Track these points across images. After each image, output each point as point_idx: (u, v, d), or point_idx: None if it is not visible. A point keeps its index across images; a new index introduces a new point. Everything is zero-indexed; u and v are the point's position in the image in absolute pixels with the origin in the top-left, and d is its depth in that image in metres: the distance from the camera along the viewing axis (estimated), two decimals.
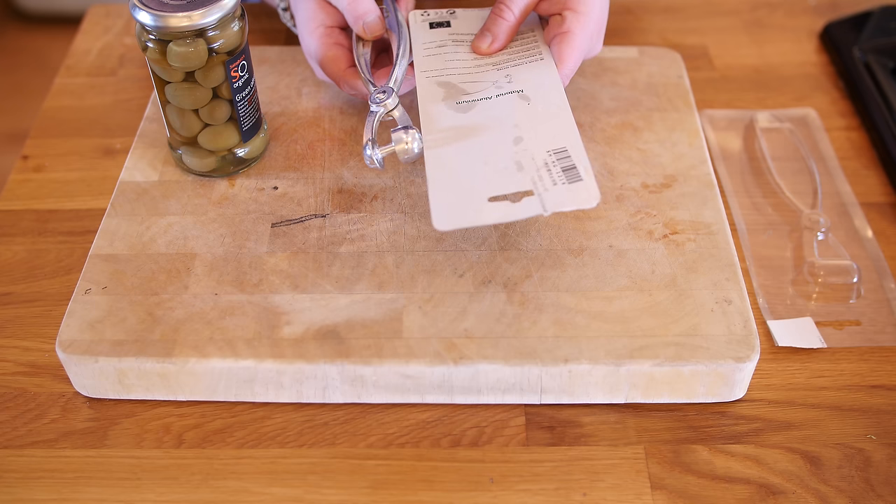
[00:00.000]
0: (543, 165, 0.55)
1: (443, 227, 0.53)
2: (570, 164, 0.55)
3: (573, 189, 0.54)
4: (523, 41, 0.65)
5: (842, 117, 0.74)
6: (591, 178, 0.54)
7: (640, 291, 0.56)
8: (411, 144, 0.58)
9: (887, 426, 0.54)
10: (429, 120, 0.59)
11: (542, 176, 0.54)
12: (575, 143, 0.56)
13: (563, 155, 0.55)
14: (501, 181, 0.55)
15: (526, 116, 0.58)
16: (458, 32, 0.66)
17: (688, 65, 0.77)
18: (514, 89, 0.61)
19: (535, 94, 0.60)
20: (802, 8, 0.86)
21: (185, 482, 0.52)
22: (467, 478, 0.52)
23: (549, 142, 0.56)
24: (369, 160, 0.58)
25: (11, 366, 0.57)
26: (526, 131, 0.57)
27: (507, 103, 0.60)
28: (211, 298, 0.56)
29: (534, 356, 0.53)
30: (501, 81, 0.61)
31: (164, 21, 0.56)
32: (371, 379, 0.53)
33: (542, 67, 0.62)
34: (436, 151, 0.57)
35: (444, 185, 0.55)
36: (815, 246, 0.63)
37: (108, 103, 0.76)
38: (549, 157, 0.55)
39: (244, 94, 0.61)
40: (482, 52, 0.64)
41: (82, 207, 0.67)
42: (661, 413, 0.55)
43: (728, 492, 0.51)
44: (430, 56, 0.64)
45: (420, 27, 0.67)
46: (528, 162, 0.55)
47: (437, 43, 0.65)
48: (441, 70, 0.63)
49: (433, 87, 0.62)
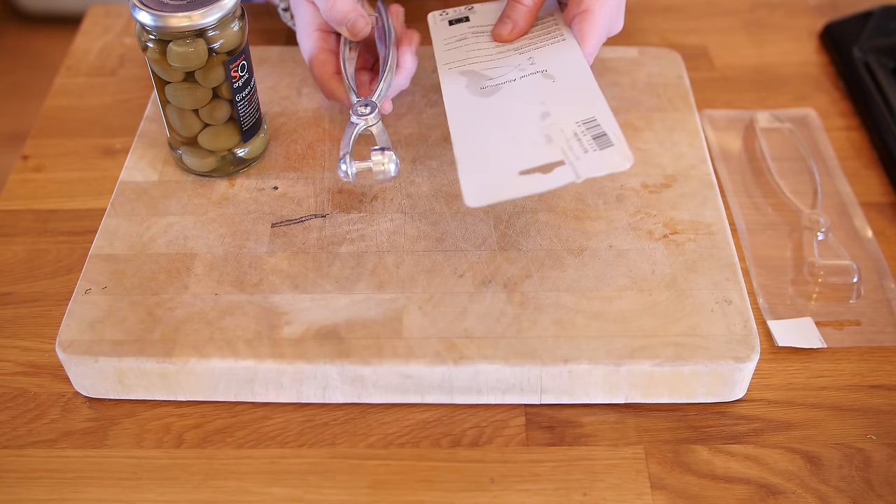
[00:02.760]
0: (573, 136, 0.54)
1: (474, 203, 0.52)
2: (601, 132, 0.54)
3: (605, 154, 0.53)
4: (543, 25, 0.64)
5: (842, 117, 0.74)
6: (622, 142, 0.53)
7: (640, 291, 0.56)
8: (387, 166, 0.57)
9: (887, 426, 0.54)
10: (452, 103, 0.59)
11: (572, 146, 0.54)
12: (603, 112, 0.55)
13: (592, 124, 0.55)
14: (531, 154, 0.54)
15: (551, 93, 0.58)
16: (477, 25, 0.66)
17: (688, 65, 0.77)
18: (537, 70, 0.60)
19: (559, 73, 0.59)
20: (802, 8, 0.87)
21: (185, 482, 0.52)
22: (467, 478, 0.52)
23: (577, 113, 0.56)
24: (344, 174, 0.58)
25: (11, 366, 0.57)
26: (552, 106, 0.57)
27: (531, 83, 0.59)
28: (211, 298, 0.56)
29: (534, 356, 0.53)
30: (524, 64, 0.61)
31: (164, 21, 0.56)
32: (371, 379, 0.54)
33: (564, 47, 0.61)
34: (461, 130, 0.57)
35: (473, 162, 0.54)
36: (815, 246, 0.63)
37: (108, 103, 0.76)
38: (577, 127, 0.55)
39: (244, 94, 0.61)
40: (503, 38, 0.64)
41: (82, 207, 0.67)
42: (661, 413, 0.55)
43: (728, 492, 0.51)
44: (451, 50, 0.64)
45: (439, 26, 0.67)
46: (557, 134, 0.55)
47: (458, 37, 0.65)
48: (463, 60, 0.63)
49: (455, 76, 0.62)
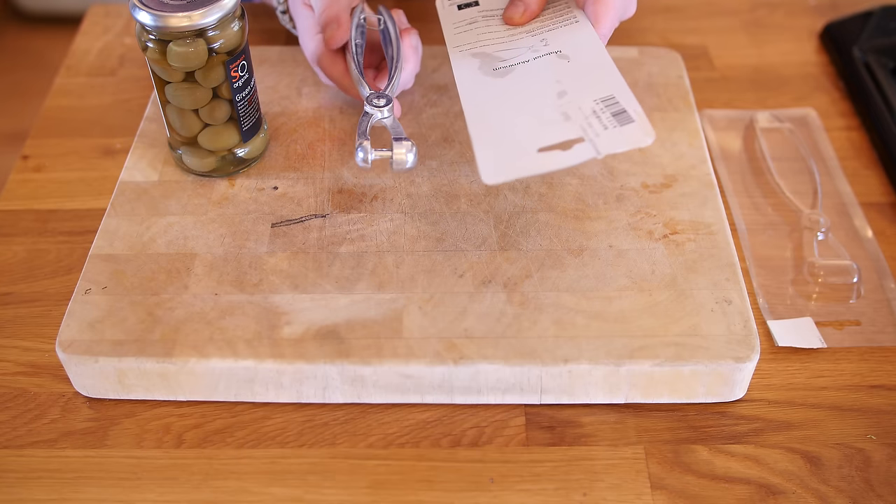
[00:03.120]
0: (592, 114, 0.53)
1: (491, 180, 0.51)
2: (620, 109, 0.53)
3: (626, 131, 0.52)
4: (555, 8, 0.63)
5: (842, 117, 0.74)
6: (643, 118, 0.52)
7: (640, 291, 0.56)
8: (407, 156, 0.57)
9: (887, 426, 0.54)
10: (465, 83, 0.58)
11: (591, 123, 0.53)
12: (622, 90, 0.55)
13: (611, 101, 0.54)
14: (549, 131, 0.53)
15: (567, 72, 0.57)
16: (486, 9, 0.65)
17: (688, 65, 0.77)
18: (551, 51, 0.59)
19: (574, 53, 0.58)
20: (802, 8, 0.87)
21: (185, 482, 0.52)
22: (467, 478, 0.52)
23: (595, 92, 0.55)
24: (362, 161, 0.57)
25: (11, 366, 0.57)
26: (569, 85, 0.56)
27: (545, 64, 0.58)
28: (211, 298, 0.56)
29: (534, 356, 0.53)
30: (537, 45, 0.60)
31: (164, 21, 0.56)
32: (371, 379, 0.54)
33: (578, 29, 0.60)
34: (476, 108, 0.56)
35: (489, 140, 0.53)
36: (815, 246, 0.63)
37: (108, 103, 0.76)
38: (596, 105, 0.54)
39: (244, 94, 0.61)
40: (515, 21, 0.63)
41: (82, 207, 0.67)
42: (661, 413, 0.55)
43: (728, 492, 0.51)
44: (461, 33, 0.64)
45: (448, 11, 0.66)
46: (575, 112, 0.54)
47: (468, 21, 0.64)
48: (474, 43, 0.62)
49: (467, 58, 0.61)
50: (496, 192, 0.62)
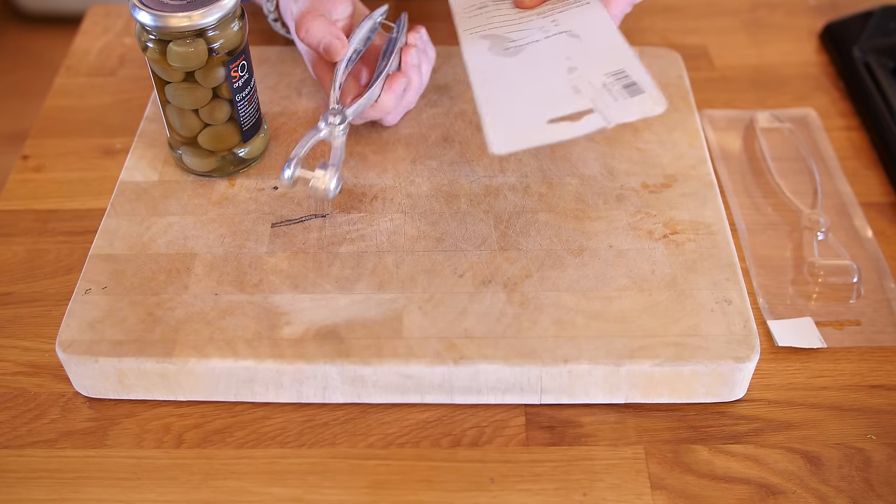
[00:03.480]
0: (602, 87, 0.54)
1: (500, 149, 0.51)
2: (631, 82, 0.54)
3: (636, 101, 0.52)
4: None
5: (842, 117, 0.74)
6: (654, 88, 0.53)
7: (640, 291, 0.56)
8: (327, 184, 0.56)
9: (887, 426, 0.54)
10: (474, 61, 0.58)
11: (601, 95, 0.53)
12: (633, 63, 0.55)
13: (621, 75, 0.54)
14: (559, 104, 0.53)
15: (577, 50, 0.57)
16: None
17: (688, 65, 0.77)
18: (562, 30, 0.59)
19: (584, 32, 0.59)
20: (802, 8, 0.87)
21: (185, 482, 0.52)
22: (467, 478, 0.52)
23: (605, 66, 0.55)
24: (285, 179, 0.56)
25: (11, 366, 0.57)
26: (579, 62, 0.56)
27: (556, 42, 0.59)
28: (211, 298, 0.56)
29: (534, 356, 0.53)
30: (548, 26, 0.60)
31: (164, 21, 0.56)
32: (371, 379, 0.54)
33: (589, 9, 0.61)
34: (486, 84, 0.56)
35: (499, 110, 0.53)
36: (815, 246, 0.63)
37: (108, 103, 0.76)
38: (606, 79, 0.54)
39: (244, 94, 0.61)
40: (525, 5, 0.63)
41: (82, 207, 0.67)
42: (661, 413, 0.55)
43: (728, 492, 0.51)
44: (471, 17, 0.63)
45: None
46: (585, 86, 0.54)
47: (478, 5, 0.64)
48: (485, 25, 0.62)
49: (477, 40, 0.61)
50: (496, 191, 0.62)
